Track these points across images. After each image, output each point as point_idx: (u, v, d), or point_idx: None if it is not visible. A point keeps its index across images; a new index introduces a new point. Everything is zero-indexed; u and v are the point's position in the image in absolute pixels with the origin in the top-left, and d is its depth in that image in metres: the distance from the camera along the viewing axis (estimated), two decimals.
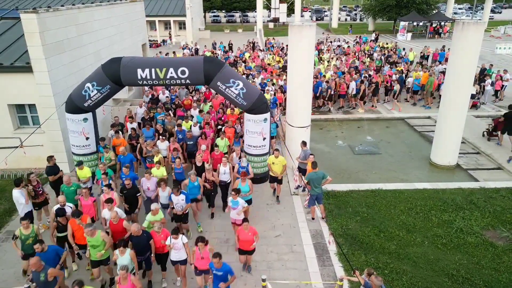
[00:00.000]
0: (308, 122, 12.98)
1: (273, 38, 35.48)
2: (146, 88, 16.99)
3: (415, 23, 44.88)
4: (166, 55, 25.12)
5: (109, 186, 9.28)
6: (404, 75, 20.72)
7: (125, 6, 19.48)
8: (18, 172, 13.35)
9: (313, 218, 10.54)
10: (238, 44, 33.75)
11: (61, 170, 10.79)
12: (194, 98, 16.59)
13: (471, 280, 8.12)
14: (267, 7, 57.99)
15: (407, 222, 10.10)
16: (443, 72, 20.82)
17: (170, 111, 14.84)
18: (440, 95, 19.18)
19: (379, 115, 18.61)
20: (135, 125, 13.58)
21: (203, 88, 17.55)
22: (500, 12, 73.86)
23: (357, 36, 37.26)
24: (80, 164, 10.40)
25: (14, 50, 13.18)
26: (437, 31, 44.71)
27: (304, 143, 11.51)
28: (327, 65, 22.49)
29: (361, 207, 10.90)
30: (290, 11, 57.30)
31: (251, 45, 32.62)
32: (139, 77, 10.99)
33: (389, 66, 23.07)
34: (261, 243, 9.18)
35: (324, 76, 19.40)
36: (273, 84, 18.00)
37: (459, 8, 71.82)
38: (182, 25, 44.40)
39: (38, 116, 13.13)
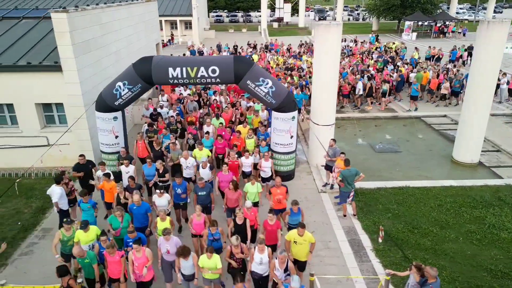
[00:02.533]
0: (333, 120, 13.10)
1: (276, 39, 35.35)
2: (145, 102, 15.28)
3: (420, 23, 45.08)
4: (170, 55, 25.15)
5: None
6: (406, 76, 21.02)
7: (141, 5, 19.57)
8: (45, 171, 13.38)
9: (344, 215, 10.65)
10: (243, 44, 33.80)
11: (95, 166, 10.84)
12: (200, 111, 14.64)
13: (510, 275, 8.25)
14: (271, 6, 58.09)
15: (439, 219, 10.22)
16: (447, 71, 21.10)
17: (173, 134, 12.64)
18: (440, 95, 19.48)
19: (395, 114, 18.75)
20: (131, 169, 10.31)
21: (212, 97, 16.12)
22: (501, 12, 74.23)
23: (356, 36, 37.50)
24: (85, 226, 7.83)
25: (39, 49, 13.23)
26: (441, 31, 44.93)
27: (333, 141, 11.62)
28: None
29: (391, 204, 11.02)
30: (294, 11, 57.41)
31: (254, 46, 32.40)
32: (171, 76, 11.07)
33: (392, 66, 22.98)
34: None
35: None
36: None
37: (460, 8, 72.12)
38: (188, 25, 44.43)
39: (65, 115, 13.21)
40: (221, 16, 68.09)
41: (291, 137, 12.05)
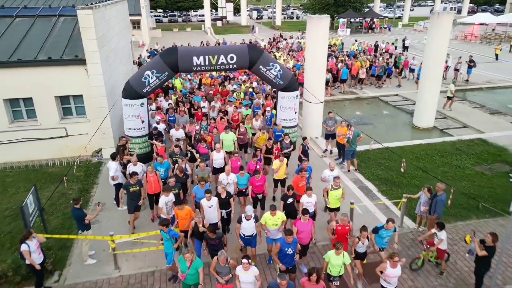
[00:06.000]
0: (323, 98, 15.61)
1: (223, 39, 36.96)
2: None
3: (352, 20, 50.07)
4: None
5: None
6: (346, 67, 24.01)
7: (121, 4, 20.39)
8: (61, 161, 14.05)
9: (348, 170, 13.20)
10: (194, 44, 35.07)
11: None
12: (196, 127, 13.35)
13: (478, 195, 11.39)
14: (213, 6, 59.71)
15: (420, 166, 13.19)
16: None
17: (183, 158, 11.00)
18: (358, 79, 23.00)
19: (357, 96, 21.96)
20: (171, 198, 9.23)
21: (201, 103, 15.31)
22: (412, 10, 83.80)
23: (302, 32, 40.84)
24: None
25: (52, 45, 13.89)
26: (370, 27, 50.39)
27: (331, 113, 14.11)
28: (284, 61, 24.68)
29: (381, 160, 13.84)
30: (235, 10, 59.69)
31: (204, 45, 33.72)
32: (194, 64, 12.63)
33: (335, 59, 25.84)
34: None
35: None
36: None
37: (380, 7, 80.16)
38: (136, 25, 44.39)
39: (83, 106, 14.03)
40: (159, 16, 67.99)
41: (295, 113, 14.29)
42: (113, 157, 10.80)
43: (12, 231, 10.00)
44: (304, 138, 12.45)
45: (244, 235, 8.36)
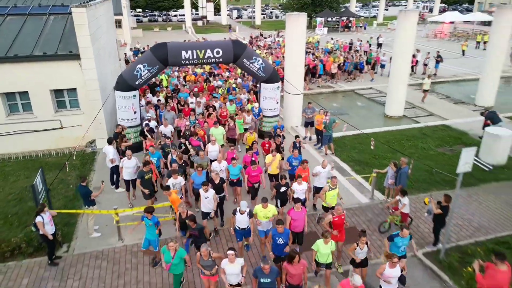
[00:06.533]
0: (302, 90, 16.86)
1: (203, 38, 37.73)
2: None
3: (329, 19, 51.79)
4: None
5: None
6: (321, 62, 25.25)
7: (108, 3, 21.12)
8: (57, 152, 14.80)
9: (326, 154, 14.48)
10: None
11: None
12: (187, 123, 13.44)
13: (441, 172, 12.82)
14: (194, 5, 60.41)
15: (389, 149, 14.60)
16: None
17: (175, 149, 11.63)
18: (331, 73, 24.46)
19: (334, 89, 23.37)
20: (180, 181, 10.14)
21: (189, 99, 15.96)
22: (387, 10, 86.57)
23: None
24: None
25: (46, 41, 14.62)
26: (347, 25, 52.23)
27: (310, 103, 15.37)
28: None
29: (355, 144, 15.20)
30: (215, 10, 60.57)
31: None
32: (183, 58, 13.68)
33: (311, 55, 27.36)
34: None
35: None
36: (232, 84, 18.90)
37: (355, 7, 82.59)
38: (117, 24, 44.68)
39: (76, 99, 14.83)
40: (139, 15, 68.16)
41: (277, 103, 15.51)
42: (109, 141, 11.76)
43: (18, 212, 10.81)
44: (296, 137, 12.47)
45: (239, 227, 8.66)
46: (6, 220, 10.37)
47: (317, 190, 10.69)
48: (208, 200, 9.40)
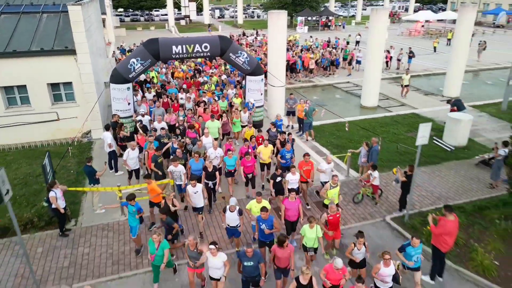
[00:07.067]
0: (284, 83, 18.15)
1: (187, 36, 38.57)
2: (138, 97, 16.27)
3: (309, 18, 53.41)
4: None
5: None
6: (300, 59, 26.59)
7: (96, 2, 21.96)
8: (55, 142, 15.65)
9: (307, 140, 15.81)
10: None
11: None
12: (181, 118, 14.16)
13: (407, 152, 14.34)
14: (176, 5, 61.08)
15: (365, 134, 16.04)
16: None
17: (176, 138, 12.43)
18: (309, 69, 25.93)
19: (314, 83, 24.80)
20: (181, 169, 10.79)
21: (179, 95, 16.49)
22: (365, 9, 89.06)
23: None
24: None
25: (42, 37, 15.45)
26: (326, 24, 53.98)
27: (292, 94, 16.66)
28: None
29: (333, 131, 16.60)
30: (198, 9, 61.44)
31: None
32: (174, 52, 14.76)
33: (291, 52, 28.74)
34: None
35: None
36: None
37: (335, 6, 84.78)
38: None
39: (72, 92, 15.71)
40: (121, 15, 68.38)
41: (261, 94, 16.75)
42: (107, 128, 12.82)
43: (25, 194, 11.72)
44: (289, 134, 12.85)
45: (229, 225, 8.82)
46: (15, 200, 11.25)
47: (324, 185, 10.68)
48: (197, 195, 9.60)
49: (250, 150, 11.57)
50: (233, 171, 11.50)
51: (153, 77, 20.87)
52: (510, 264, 8.88)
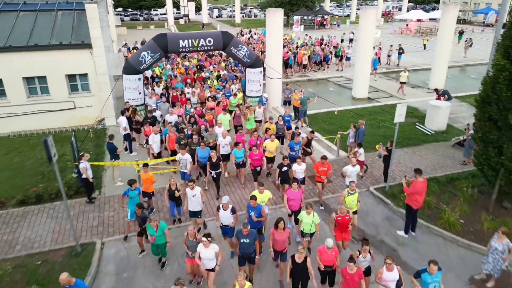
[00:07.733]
0: (281, 75, 19.70)
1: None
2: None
3: (305, 17, 55.03)
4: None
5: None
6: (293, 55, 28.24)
7: (104, 1, 23.37)
8: (72, 128, 17.10)
9: (302, 126, 17.37)
10: None
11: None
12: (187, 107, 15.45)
13: (390, 135, 15.84)
14: (175, 5, 62.55)
15: (351, 120, 17.51)
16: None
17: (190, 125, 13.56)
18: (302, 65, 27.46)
19: (309, 78, 26.39)
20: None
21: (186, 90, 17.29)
22: (359, 9, 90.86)
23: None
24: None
25: (59, 33, 16.90)
26: (321, 23, 55.63)
27: (287, 85, 18.23)
28: None
29: (326, 119, 18.18)
30: (196, 8, 62.95)
31: None
32: (181, 46, 16.28)
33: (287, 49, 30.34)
34: None
35: None
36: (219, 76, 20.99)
37: (330, 6, 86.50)
38: None
39: (87, 83, 17.17)
40: (121, 14, 69.69)
41: (260, 85, 18.30)
42: (122, 112, 14.36)
43: (52, 170, 13.11)
44: (296, 128, 13.37)
45: (222, 224, 8.91)
46: (44, 175, 12.76)
47: None
48: (195, 198, 9.42)
49: (258, 142, 12.18)
50: (241, 162, 12.01)
51: (159, 73, 22.29)
52: (473, 222, 10.47)
